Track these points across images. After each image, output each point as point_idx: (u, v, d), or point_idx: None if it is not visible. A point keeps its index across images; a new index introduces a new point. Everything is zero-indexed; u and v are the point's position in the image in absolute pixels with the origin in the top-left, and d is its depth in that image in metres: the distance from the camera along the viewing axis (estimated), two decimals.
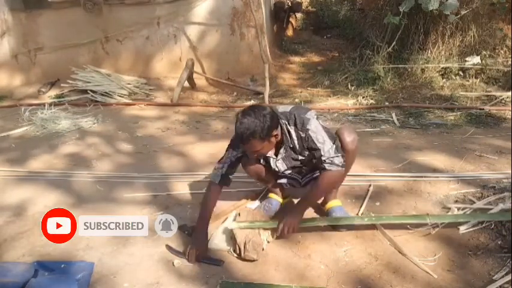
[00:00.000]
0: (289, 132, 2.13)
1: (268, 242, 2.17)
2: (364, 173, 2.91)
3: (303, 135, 2.10)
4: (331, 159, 2.04)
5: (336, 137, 2.14)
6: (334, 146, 2.07)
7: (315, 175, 2.39)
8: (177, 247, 2.22)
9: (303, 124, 2.08)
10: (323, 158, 2.05)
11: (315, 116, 2.12)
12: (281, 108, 2.20)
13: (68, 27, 5.80)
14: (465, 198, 2.54)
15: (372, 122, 4.26)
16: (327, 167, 2.05)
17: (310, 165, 2.25)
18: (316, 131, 2.07)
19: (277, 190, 2.51)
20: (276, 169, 2.28)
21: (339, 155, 2.06)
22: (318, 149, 2.06)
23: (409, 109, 4.55)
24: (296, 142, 2.14)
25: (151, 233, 2.34)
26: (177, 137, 4.06)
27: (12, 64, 6.10)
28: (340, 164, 2.05)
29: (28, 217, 2.60)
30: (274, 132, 2.05)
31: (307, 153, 2.16)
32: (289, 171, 2.30)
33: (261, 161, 2.31)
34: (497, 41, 5.44)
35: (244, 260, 2.08)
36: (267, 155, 2.21)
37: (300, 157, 2.20)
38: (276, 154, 2.23)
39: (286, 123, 2.12)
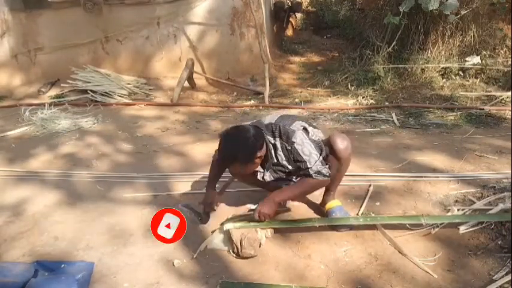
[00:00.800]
0: (274, 146, 2.13)
1: (266, 237, 2.17)
2: (364, 173, 2.91)
3: (288, 147, 2.09)
4: (318, 171, 2.05)
5: (323, 148, 2.13)
6: (321, 157, 2.07)
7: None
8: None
9: (287, 137, 2.07)
10: (310, 171, 2.04)
11: (301, 127, 2.11)
12: (268, 120, 2.19)
13: (68, 27, 5.80)
14: (465, 198, 2.54)
15: (372, 122, 4.26)
16: (314, 177, 2.05)
17: (297, 174, 2.23)
18: (302, 143, 2.05)
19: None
20: (263, 181, 2.27)
21: (326, 166, 2.07)
22: (304, 161, 2.05)
23: (409, 109, 4.55)
24: (282, 154, 2.14)
25: (151, 233, 2.34)
26: (177, 137, 4.06)
27: (12, 64, 6.10)
28: (327, 174, 2.07)
29: (28, 217, 2.60)
30: (258, 154, 2.04)
31: (294, 164, 2.14)
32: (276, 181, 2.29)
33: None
34: (497, 41, 5.45)
35: (242, 258, 2.09)
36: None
37: (287, 169, 2.19)
38: (263, 167, 2.22)
39: (271, 137, 2.12)
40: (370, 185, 2.73)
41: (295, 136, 2.06)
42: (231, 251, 2.15)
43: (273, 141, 2.13)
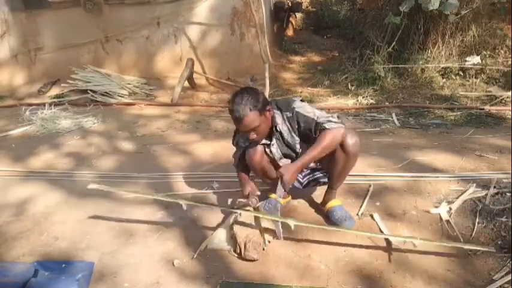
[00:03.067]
0: (274, 118, 2.16)
1: (269, 241, 2.17)
2: (365, 173, 2.90)
3: (289, 115, 2.12)
4: (328, 119, 2.04)
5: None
6: (324, 112, 2.11)
7: (315, 176, 2.39)
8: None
9: (288, 105, 2.13)
10: (319, 120, 2.04)
11: (298, 99, 2.18)
12: None
13: (68, 27, 5.81)
14: None
15: (372, 122, 4.26)
16: (326, 126, 2.03)
17: (304, 147, 2.18)
18: (302, 105, 2.11)
19: None
20: (271, 155, 2.25)
21: (334, 115, 2.08)
22: (310, 118, 2.06)
23: (409, 109, 4.54)
24: (285, 126, 2.16)
25: (152, 232, 2.34)
26: (177, 136, 4.06)
27: (12, 64, 6.10)
28: (339, 121, 2.06)
29: (28, 217, 2.60)
30: (268, 107, 2.08)
31: (297, 135, 2.17)
32: (284, 160, 2.27)
33: (265, 150, 2.27)
34: (497, 41, 5.44)
35: (244, 259, 2.09)
36: (262, 142, 2.21)
37: (291, 140, 2.19)
38: (270, 139, 2.23)
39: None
40: (370, 185, 2.73)
41: (294, 103, 2.12)
42: (232, 250, 2.15)
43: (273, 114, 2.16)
